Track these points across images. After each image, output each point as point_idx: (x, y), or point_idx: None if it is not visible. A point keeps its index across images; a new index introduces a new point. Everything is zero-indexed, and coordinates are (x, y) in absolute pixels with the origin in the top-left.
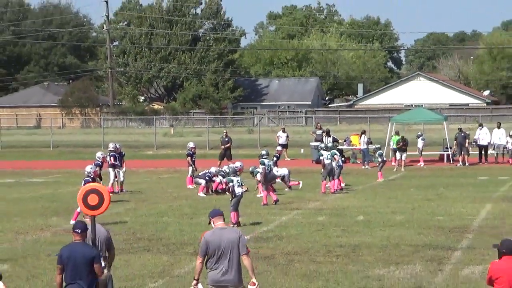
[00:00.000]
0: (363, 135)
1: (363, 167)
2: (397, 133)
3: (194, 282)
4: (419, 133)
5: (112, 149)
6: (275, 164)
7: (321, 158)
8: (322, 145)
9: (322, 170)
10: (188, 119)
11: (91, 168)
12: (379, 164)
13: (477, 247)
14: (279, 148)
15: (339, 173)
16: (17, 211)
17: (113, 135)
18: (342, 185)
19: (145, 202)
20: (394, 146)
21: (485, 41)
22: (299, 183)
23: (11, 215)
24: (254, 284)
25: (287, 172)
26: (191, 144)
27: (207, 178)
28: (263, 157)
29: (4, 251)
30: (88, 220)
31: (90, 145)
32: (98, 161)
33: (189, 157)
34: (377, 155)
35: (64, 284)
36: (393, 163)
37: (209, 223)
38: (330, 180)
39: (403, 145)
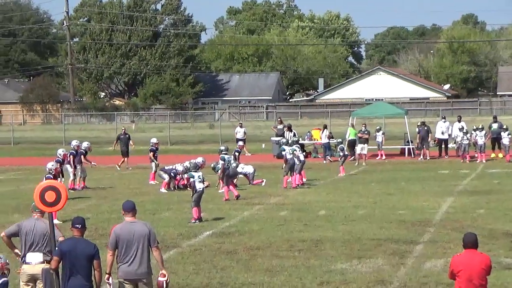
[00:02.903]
0: (324, 130)
1: (324, 161)
2: (352, 126)
3: (106, 276)
4: (378, 127)
5: (73, 147)
6: (237, 159)
7: (283, 153)
8: (284, 140)
9: (284, 165)
10: (149, 114)
11: (52, 165)
12: (340, 159)
13: (439, 240)
14: (240, 143)
15: (300, 168)
16: None
17: (74, 131)
18: (304, 180)
19: (107, 198)
20: (351, 138)
21: (446, 35)
22: (263, 181)
23: None
24: (164, 276)
25: (252, 171)
26: (154, 140)
27: (172, 174)
28: (222, 152)
29: None
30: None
31: (51, 141)
32: (59, 158)
33: (151, 153)
34: (338, 150)
35: (63, 278)
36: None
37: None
38: (292, 175)
39: (364, 136)
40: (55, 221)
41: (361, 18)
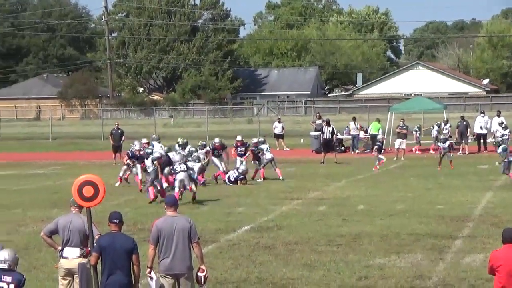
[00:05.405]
0: (354, 122)
1: (352, 152)
2: (378, 121)
3: (148, 270)
4: (438, 122)
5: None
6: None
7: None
8: (262, 139)
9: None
10: (187, 109)
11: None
12: (445, 153)
13: (478, 235)
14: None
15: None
16: (18, 203)
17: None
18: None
19: (145, 193)
20: (373, 132)
21: (485, 30)
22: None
23: (11, 207)
24: (203, 271)
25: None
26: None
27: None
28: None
29: (5, 243)
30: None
31: (90, 136)
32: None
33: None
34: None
35: (102, 274)
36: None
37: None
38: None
39: (402, 131)
40: None
41: (400, 13)
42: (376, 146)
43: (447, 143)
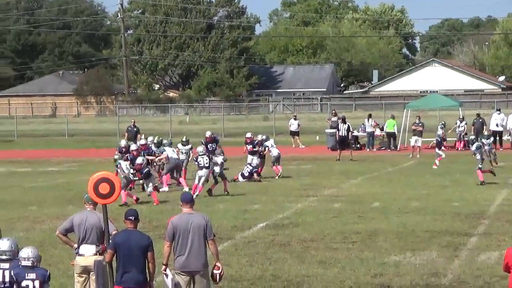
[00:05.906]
0: (369, 119)
1: (367, 149)
2: (392, 117)
3: (163, 267)
4: (459, 117)
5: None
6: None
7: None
8: (264, 137)
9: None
10: (203, 107)
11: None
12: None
13: (493, 233)
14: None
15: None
16: (33, 200)
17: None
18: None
19: (161, 190)
20: (389, 130)
21: (501, 27)
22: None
23: (27, 204)
24: (219, 268)
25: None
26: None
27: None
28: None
29: (21, 239)
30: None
31: (106, 133)
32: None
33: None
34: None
35: (117, 271)
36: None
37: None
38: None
39: (418, 129)
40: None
41: (415, 10)
42: (435, 142)
43: (491, 139)
